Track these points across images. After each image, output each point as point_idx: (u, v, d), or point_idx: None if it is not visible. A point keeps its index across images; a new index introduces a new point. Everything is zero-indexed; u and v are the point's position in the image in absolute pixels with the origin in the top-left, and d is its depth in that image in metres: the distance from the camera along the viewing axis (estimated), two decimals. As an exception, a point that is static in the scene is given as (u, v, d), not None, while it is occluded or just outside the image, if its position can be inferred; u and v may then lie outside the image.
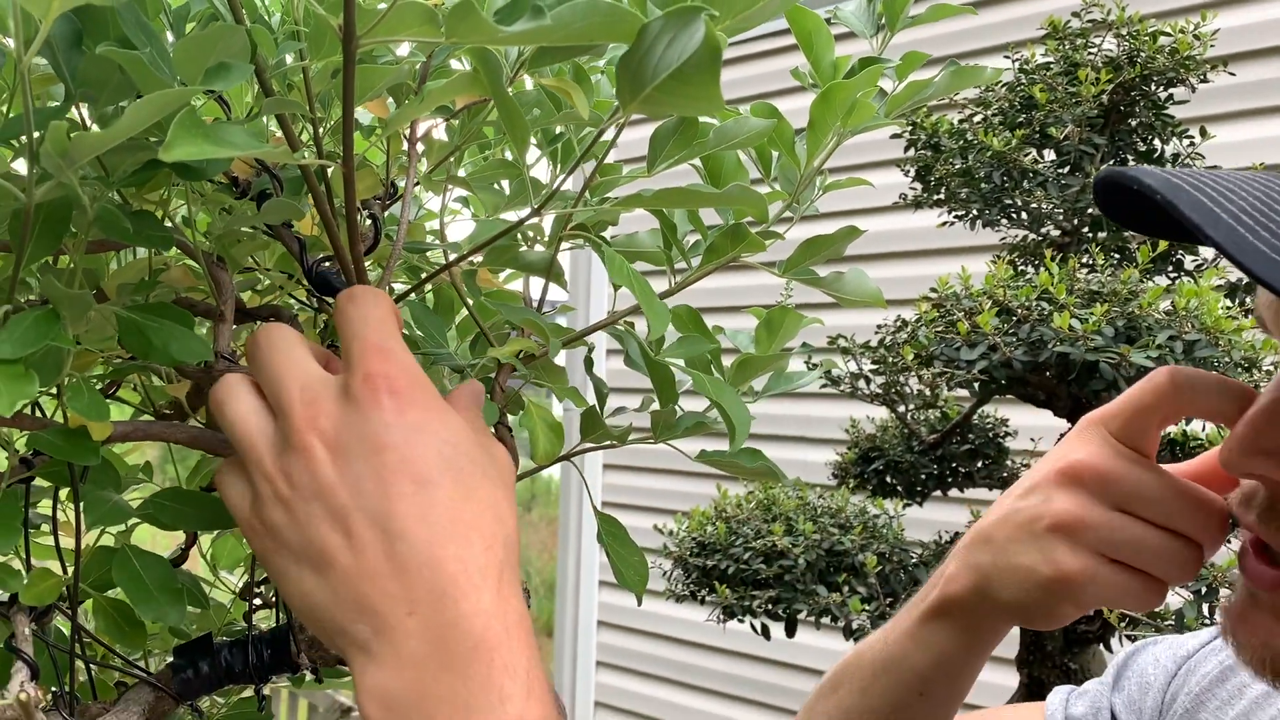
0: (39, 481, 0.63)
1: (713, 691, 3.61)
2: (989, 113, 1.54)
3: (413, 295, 0.76)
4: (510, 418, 0.77)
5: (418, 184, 0.71)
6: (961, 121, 1.57)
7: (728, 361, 0.90)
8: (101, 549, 0.65)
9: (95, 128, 0.56)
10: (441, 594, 0.42)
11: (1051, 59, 1.52)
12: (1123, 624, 1.40)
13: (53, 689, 0.60)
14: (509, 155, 0.82)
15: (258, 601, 0.92)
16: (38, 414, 0.64)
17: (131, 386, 0.84)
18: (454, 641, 0.41)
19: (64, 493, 0.65)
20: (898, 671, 0.65)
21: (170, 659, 0.67)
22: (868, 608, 1.32)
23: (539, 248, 0.83)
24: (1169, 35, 1.45)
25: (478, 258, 0.79)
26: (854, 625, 1.30)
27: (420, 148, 0.72)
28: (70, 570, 0.65)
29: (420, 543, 0.42)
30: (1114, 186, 0.48)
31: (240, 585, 0.88)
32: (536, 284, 0.79)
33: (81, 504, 0.57)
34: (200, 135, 0.47)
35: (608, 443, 0.82)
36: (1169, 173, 0.46)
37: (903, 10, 0.84)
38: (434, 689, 0.41)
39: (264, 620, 0.90)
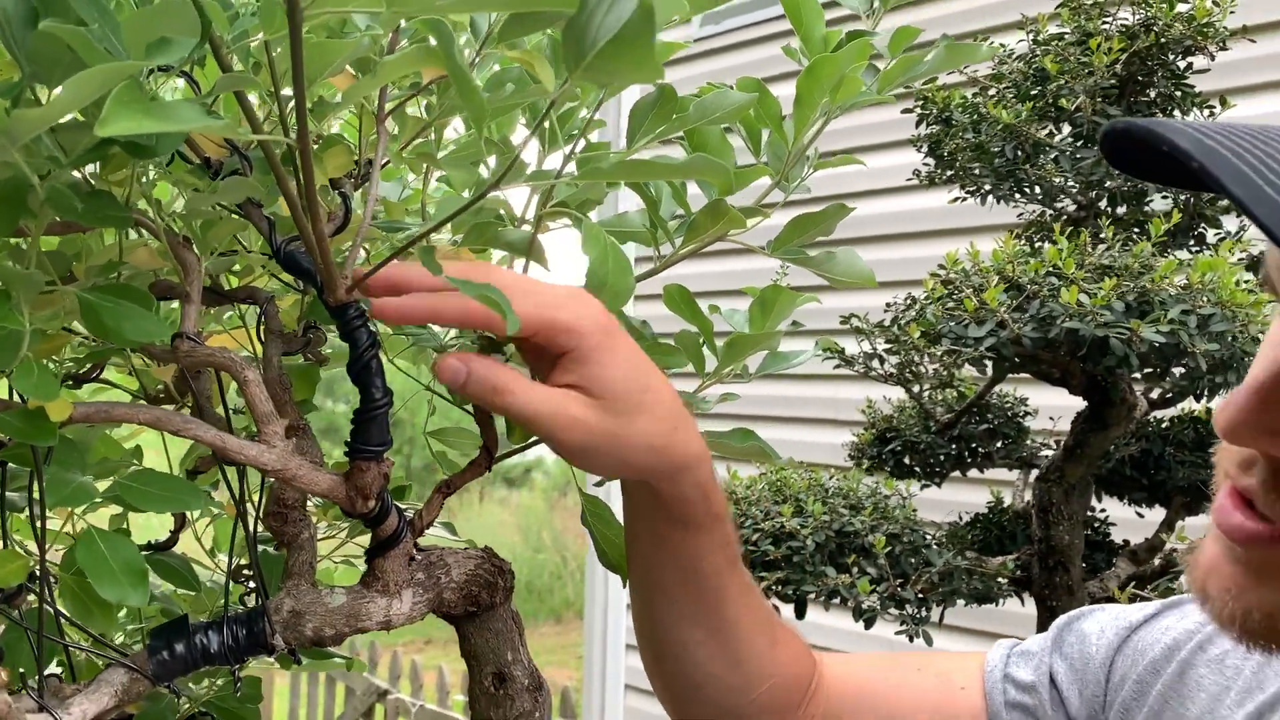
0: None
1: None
2: (1002, 86, 1.51)
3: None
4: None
5: (387, 162, 0.70)
6: (975, 95, 1.54)
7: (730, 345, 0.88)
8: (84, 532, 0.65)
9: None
10: None
11: (1066, 30, 1.49)
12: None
13: (20, 670, 0.60)
14: (495, 134, 0.81)
15: (253, 585, 0.92)
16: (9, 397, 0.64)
17: (128, 372, 0.84)
18: None
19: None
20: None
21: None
22: (878, 589, 1.30)
23: (527, 228, 0.83)
24: (1187, 2, 1.41)
25: (454, 235, 0.78)
26: (864, 606, 1.28)
27: (393, 125, 0.72)
28: (60, 552, 0.65)
29: None
30: (1132, 139, 0.44)
31: (232, 568, 0.88)
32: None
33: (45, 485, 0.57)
34: (139, 110, 0.46)
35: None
36: (1197, 130, 0.42)
37: (896, -15, 0.82)
38: None
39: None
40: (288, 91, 0.59)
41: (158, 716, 0.79)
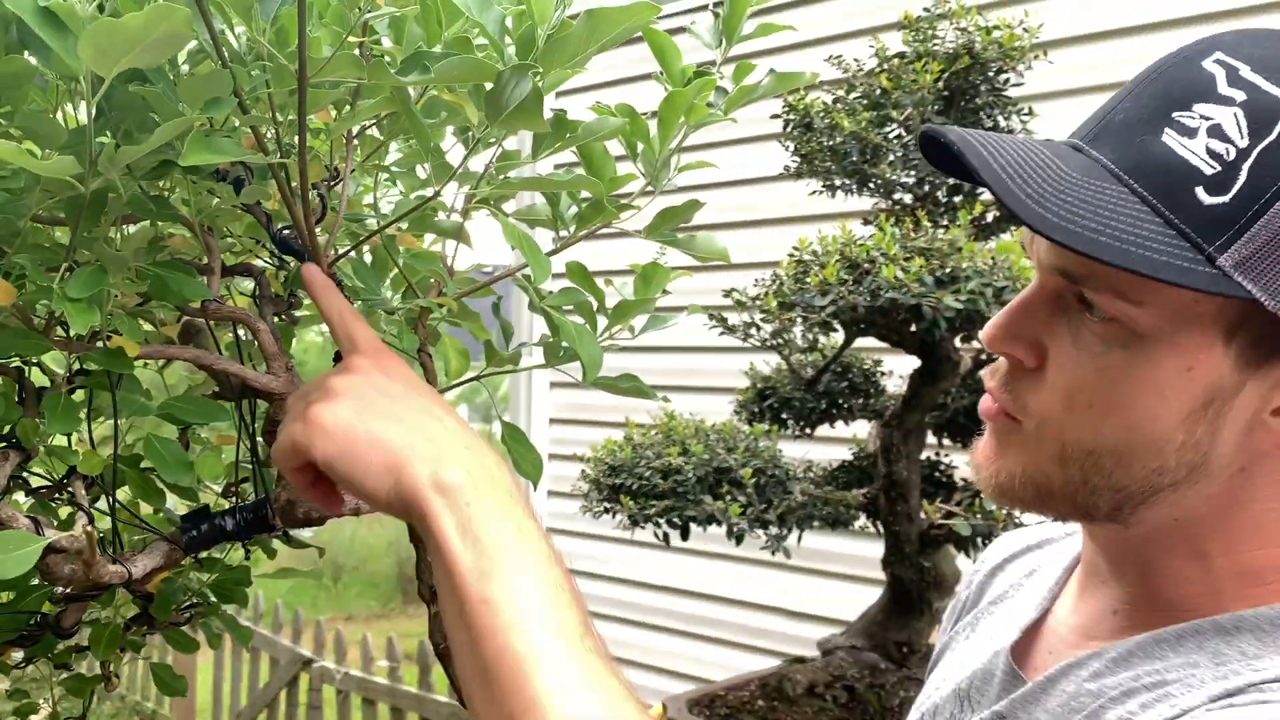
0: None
1: (660, 628, 3.87)
2: (854, 96, 1.79)
3: (353, 254, 1.00)
4: (430, 347, 1.01)
5: (353, 170, 0.95)
6: (835, 102, 1.82)
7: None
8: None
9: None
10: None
11: (907, 49, 1.78)
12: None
13: (100, 535, 0.84)
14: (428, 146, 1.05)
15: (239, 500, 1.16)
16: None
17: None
18: None
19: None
20: None
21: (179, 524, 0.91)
22: (746, 514, 1.58)
23: (456, 217, 1.08)
24: (1000, 30, 1.71)
25: (404, 225, 1.03)
26: (735, 528, 1.56)
27: (356, 143, 0.96)
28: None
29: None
30: (931, 140, 0.66)
31: (222, 487, 1.11)
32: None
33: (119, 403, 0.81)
34: (204, 147, 0.70)
35: (507, 367, 1.07)
36: (969, 132, 0.64)
37: (737, 27, 1.09)
38: None
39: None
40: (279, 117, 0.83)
41: (171, 595, 1.03)
